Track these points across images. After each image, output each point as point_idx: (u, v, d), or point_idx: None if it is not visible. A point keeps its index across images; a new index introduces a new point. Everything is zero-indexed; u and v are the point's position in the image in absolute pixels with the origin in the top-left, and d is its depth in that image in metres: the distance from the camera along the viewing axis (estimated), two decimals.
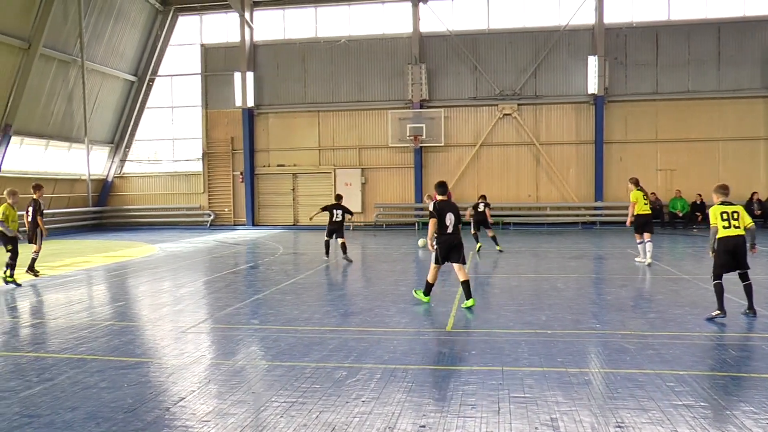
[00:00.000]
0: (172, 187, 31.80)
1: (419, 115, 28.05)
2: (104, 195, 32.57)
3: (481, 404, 5.61)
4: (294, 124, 30.31)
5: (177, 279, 14.35)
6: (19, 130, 25.80)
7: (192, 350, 7.81)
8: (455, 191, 28.00)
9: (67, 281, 14.11)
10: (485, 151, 28.47)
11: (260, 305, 10.64)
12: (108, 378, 6.66)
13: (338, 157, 29.95)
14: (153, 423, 5.39)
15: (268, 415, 5.46)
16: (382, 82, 29.35)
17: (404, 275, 14.35)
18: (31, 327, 9.42)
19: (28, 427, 5.35)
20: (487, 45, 28.34)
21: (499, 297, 10.88)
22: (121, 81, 31.49)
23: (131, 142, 32.85)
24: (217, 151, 31.35)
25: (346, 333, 8.40)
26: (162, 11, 31.80)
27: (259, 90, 30.38)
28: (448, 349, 7.44)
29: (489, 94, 28.27)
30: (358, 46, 29.48)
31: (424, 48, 28.68)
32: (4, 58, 24.22)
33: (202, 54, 31.37)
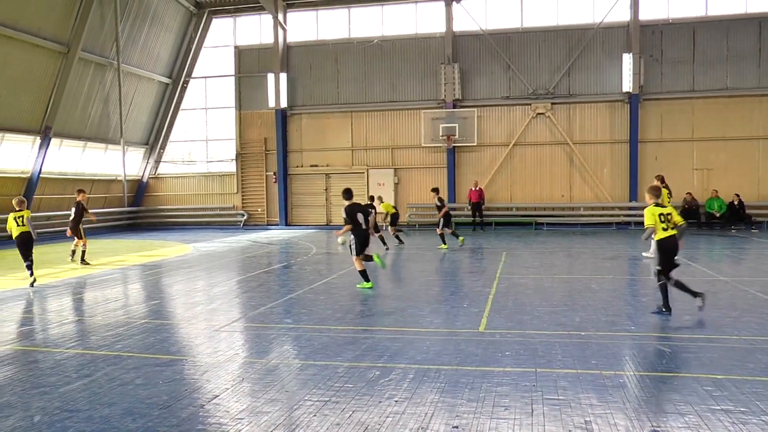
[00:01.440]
0: (205, 187, 32.15)
1: (452, 114, 27.98)
2: (139, 195, 33.06)
3: (514, 406, 5.57)
4: (327, 125, 30.42)
5: (211, 278, 14.50)
6: (58, 132, 26.36)
7: (225, 348, 7.89)
8: (488, 191, 27.93)
9: (104, 280, 14.35)
10: (518, 151, 28.29)
11: (293, 304, 10.70)
12: (144, 375, 6.78)
13: (371, 157, 29.99)
14: (187, 420, 5.46)
15: (301, 414, 5.49)
16: (415, 82, 29.32)
17: (437, 275, 14.33)
18: (70, 324, 9.59)
19: (68, 421, 5.46)
20: (520, 44, 28.15)
21: (533, 298, 10.80)
22: (156, 83, 31.93)
23: (166, 143, 33.30)
24: (251, 152, 31.61)
25: (379, 333, 8.41)
26: (196, 14, 32.18)
27: (292, 91, 30.55)
28: (481, 350, 7.40)
29: (522, 93, 28.08)
30: (391, 47, 29.49)
31: (457, 47, 28.58)
32: (45, 62, 24.74)
33: (235, 56, 31.67)
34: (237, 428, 5.22)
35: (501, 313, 9.46)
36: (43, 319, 10.35)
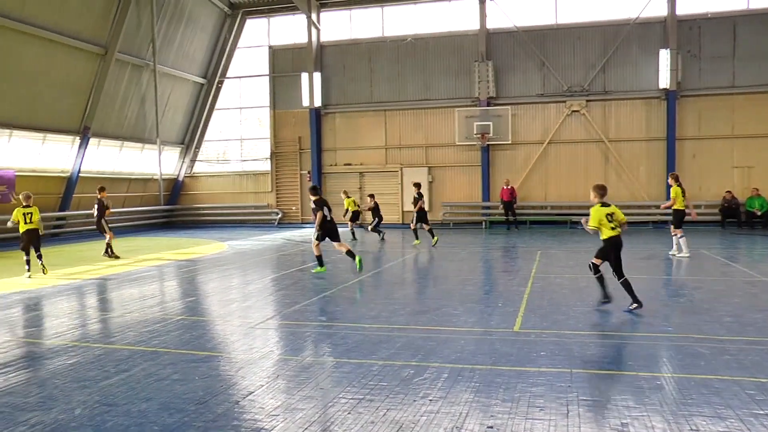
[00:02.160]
0: (240, 186, 32.43)
1: (486, 112, 27.81)
2: (175, 194, 33.50)
3: (549, 407, 5.52)
4: (361, 124, 30.49)
5: (246, 276, 14.64)
6: (96, 132, 26.85)
7: (260, 346, 7.96)
8: (522, 190, 27.76)
9: (141, 277, 14.56)
10: (553, 149, 28.03)
11: (327, 303, 10.76)
12: (180, 370, 6.87)
13: (405, 156, 29.97)
14: (223, 415, 5.52)
15: (335, 411, 5.52)
16: (449, 80, 29.23)
17: (471, 274, 14.28)
18: (108, 320, 9.76)
19: (107, 415, 5.57)
20: (554, 40, 27.88)
21: (568, 297, 10.70)
22: (191, 83, 32.32)
23: (201, 142, 33.70)
24: (285, 151, 31.82)
25: (414, 332, 8.41)
26: (230, 15, 32.48)
27: (326, 90, 30.67)
28: (515, 350, 7.35)
29: (557, 90, 27.82)
30: (425, 45, 29.44)
31: (490, 45, 28.42)
32: (84, 63, 25.21)
33: (269, 55, 31.92)
34: (272, 425, 5.27)
35: (536, 313, 9.40)
36: (82, 315, 10.57)
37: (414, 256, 17.43)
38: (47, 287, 13.13)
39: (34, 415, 5.63)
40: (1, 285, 13.45)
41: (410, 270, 15.25)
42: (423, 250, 19.04)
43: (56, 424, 5.40)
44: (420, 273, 14.83)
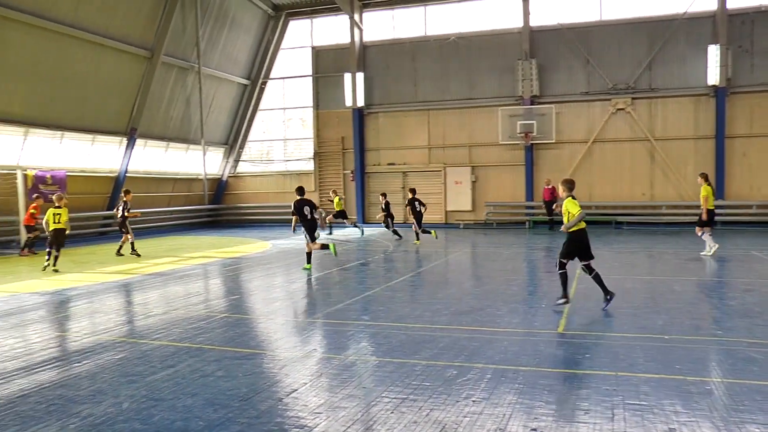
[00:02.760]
0: (283, 185, 32.69)
1: (530, 111, 27.57)
2: (219, 193, 33.97)
3: (594, 410, 5.45)
4: (404, 123, 30.49)
5: (289, 274, 14.76)
6: (143, 134, 27.41)
7: (303, 344, 8.04)
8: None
9: (186, 275, 14.81)
10: (598, 148, 27.62)
11: (371, 302, 10.79)
12: (224, 367, 6.97)
13: (448, 156, 29.88)
14: (267, 412, 5.58)
15: (378, 411, 5.53)
16: (492, 79, 29.03)
17: (515, 274, 14.18)
18: (154, 317, 9.94)
19: (154, 409, 5.69)
20: (599, 37, 27.46)
21: (613, 299, 10.52)
22: (235, 85, 32.72)
23: (245, 142, 34.12)
24: (328, 151, 32.01)
25: (457, 332, 8.39)
26: (274, 17, 32.80)
27: (369, 90, 30.75)
28: (560, 352, 7.29)
29: (602, 88, 27.41)
30: (468, 43, 29.30)
31: (534, 43, 28.15)
32: (131, 66, 25.75)
33: (312, 56, 32.14)
34: (315, 422, 5.30)
35: (580, 314, 9.29)
36: (129, 311, 10.81)
37: (458, 256, 17.37)
38: (96, 284, 13.44)
39: (85, 407, 5.79)
40: (52, 282, 13.80)
41: (453, 270, 15.20)
42: (465, 250, 18.97)
43: (106, 416, 5.54)
44: (463, 273, 14.78)
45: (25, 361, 7.42)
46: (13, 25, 20.55)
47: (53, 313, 10.57)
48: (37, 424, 5.40)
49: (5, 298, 12.01)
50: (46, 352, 7.84)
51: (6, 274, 15.60)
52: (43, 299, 11.83)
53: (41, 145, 23.33)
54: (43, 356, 7.65)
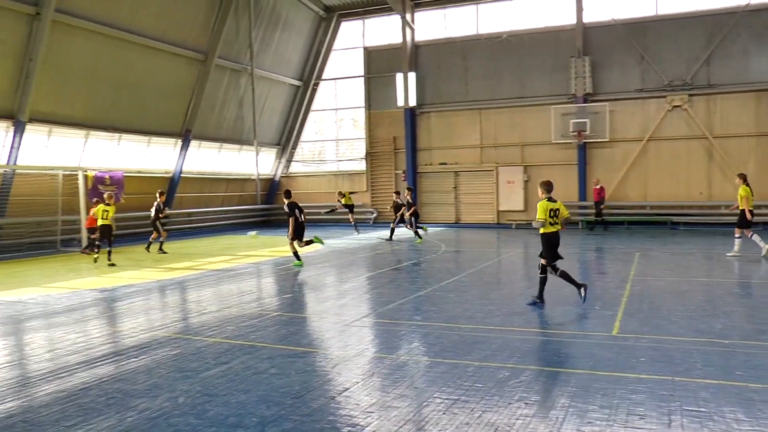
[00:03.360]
0: (336, 185, 32.85)
1: (583, 109, 27.15)
2: (272, 193, 34.36)
3: (650, 415, 5.32)
4: (455, 123, 30.36)
5: (341, 274, 14.87)
6: (197, 135, 27.94)
7: (355, 343, 8.07)
8: (620, 189, 27.00)
9: (239, 273, 15.04)
10: (653, 146, 26.98)
11: (423, 302, 10.79)
12: (277, 365, 7.06)
13: (500, 155, 29.63)
14: (319, 410, 5.63)
15: (430, 411, 5.52)
16: (544, 77, 28.68)
17: None
18: (208, 315, 10.13)
19: (208, 405, 5.80)
20: (655, 32, 26.80)
21: (669, 301, 10.32)
22: (287, 86, 33.07)
23: (297, 143, 34.45)
24: (380, 151, 32.08)
25: (509, 333, 8.33)
26: (325, 18, 33.05)
27: (420, 89, 30.71)
28: (614, 355, 7.15)
29: (657, 85, 26.76)
30: (520, 41, 29.02)
31: (587, 39, 27.69)
32: (186, 69, 26.28)
33: (364, 56, 32.27)
34: (367, 421, 5.32)
35: (635, 317, 9.10)
36: (184, 309, 11.03)
37: (511, 257, 17.24)
38: (152, 281, 13.75)
39: (142, 401, 5.94)
40: (111, 279, 14.17)
41: (505, 270, 15.09)
42: (518, 250, 18.81)
43: (162, 410, 5.68)
44: (515, 273, 14.65)
45: (85, 356, 7.66)
46: (75, 32, 21.18)
47: (112, 309, 10.87)
48: (98, 416, 5.58)
49: (67, 294, 12.40)
50: (105, 347, 8.07)
51: (68, 271, 16.09)
52: (102, 296, 12.16)
53: (100, 146, 24.00)
54: (102, 351, 7.88)
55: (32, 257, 19.51)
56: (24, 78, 20.03)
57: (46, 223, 21.69)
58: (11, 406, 5.95)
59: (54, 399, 6.09)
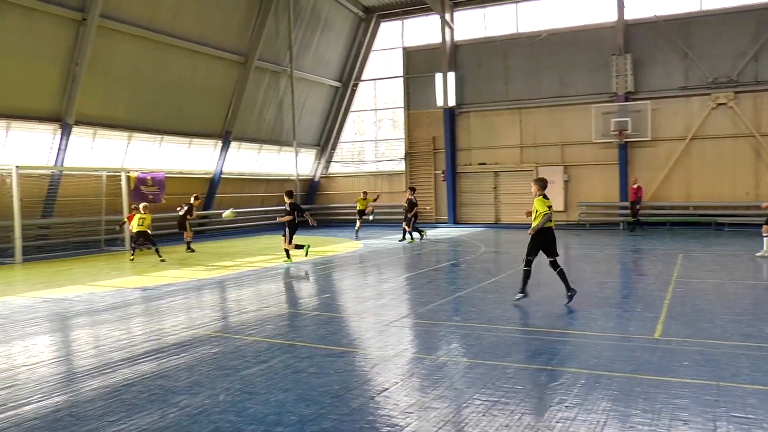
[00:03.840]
0: (375, 186, 32.90)
1: (624, 108, 26.72)
2: (311, 194, 34.59)
3: (694, 421, 5.20)
4: (495, 122, 30.17)
5: (380, 274, 14.89)
6: (237, 136, 28.27)
7: (395, 343, 8.05)
8: (663, 189, 26.54)
9: (278, 273, 15.15)
10: (696, 145, 26.40)
11: (462, 303, 10.75)
12: (316, 364, 7.08)
13: (540, 155, 29.37)
14: (358, 410, 5.63)
15: (469, 413, 5.49)
16: (585, 75, 28.33)
17: (609, 276, 13.83)
18: (248, 314, 10.22)
19: (248, 403, 5.85)
20: (698, 28, 26.21)
21: (713, 304, 10.10)
22: (326, 87, 33.24)
23: (336, 143, 34.61)
24: (419, 151, 32.04)
25: (549, 335, 8.25)
26: (365, 19, 33.13)
27: (460, 89, 30.59)
28: (656, 358, 7.01)
29: (701, 82, 26.18)
30: (560, 39, 28.71)
31: (629, 37, 27.24)
32: (226, 72, 26.61)
33: (403, 57, 32.26)
34: (406, 422, 5.31)
35: (678, 320, 8.93)
36: (224, 307, 11.16)
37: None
38: (193, 281, 13.94)
39: (183, 398, 6.03)
40: (153, 278, 14.41)
41: (545, 272, 14.90)
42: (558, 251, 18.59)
43: (202, 407, 5.75)
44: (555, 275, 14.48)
45: (128, 352, 7.81)
46: (118, 37, 21.61)
47: (153, 307, 11.03)
48: (140, 412, 5.68)
49: (111, 292, 12.64)
50: (147, 345, 8.20)
51: (111, 270, 16.41)
52: (145, 294, 12.37)
53: (143, 148, 24.42)
54: (144, 348, 8.02)
55: (77, 256, 19.94)
56: (70, 82, 20.51)
57: (91, 222, 22.18)
58: (58, 400, 6.10)
59: (98, 394, 6.22)
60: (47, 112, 20.39)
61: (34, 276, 15.50)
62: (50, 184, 20.79)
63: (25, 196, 19.17)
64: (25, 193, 19.18)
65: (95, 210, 22.10)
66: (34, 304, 11.45)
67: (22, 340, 8.76)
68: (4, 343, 8.57)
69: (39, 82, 19.90)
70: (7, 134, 19.74)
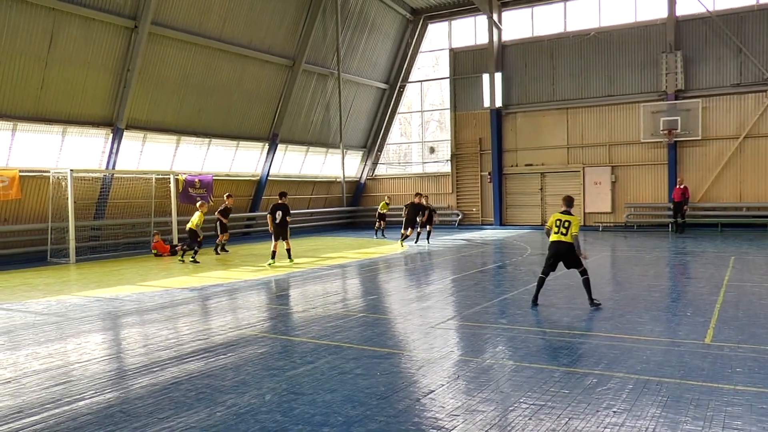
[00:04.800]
0: (421, 187, 32.82)
1: (674, 107, 26.19)
2: (357, 195, 34.70)
3: (748, 430, 5.06)
4: (542, 123, 29.89)
5: (426, 276, 14.88)
6: (284, 139, 28.53)
7: (440, 345, 8.05)
8: (714, 189, 25.95)
9: (324, 274, 15.26)
10: (750, 144, 25.71)
11: (508, 305, 10.68)
12: (362, 365, 7.12)
13: (587, 155, 28.98)
14: (404, 411, 5.65)
15: (516, 416, 5.46)
16: (634, 74, 27.85)
17: (657, 280, 13.57)
18: (294, 314, 10.35)
19: (294, 403, 5.92)
20: (754, 23, 25.45)
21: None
22: (373, 89, 33.32)
23: (383, 145, 34.65)
24: (466, 152, 31.92)
25: (596, 338, 8.14)
26: (412, 21, 33.11)
27: (507, 90, 30.40)
28: (707, 364, 6.85)
29: (756, 79, 25.47)
30: (609, 38, 28.29)
31: (679, 33, 26.68)
32: (274, 75, 26.87)
33: (450, 58, 32.20)
34: (453, 424, 5.31)
35: (730, 325, 8.72)
36: (270, 308, 11.26)
37: (597, 259, 16.84)
38: (239, 281, 14.13)
39: (230, 397, 6.13)
40: (200, 279, 14.64)
41: (593, 274, 14.71)
42: (605, 253, 18.35)
43: (249, 407, 5.83)
44: (603, 277, 14.29)
45: (176, 351, 7.97)
46: (167, 43, 22.01)
47: (201, 307, 11.22)
48: (189, 410, 5.80)
49: (159, 292, 12.90)
50: (195, 344, 8.35)
51: (160, 270, 16.73)
52: (192, 294, 12.58)
53: (191, 151, 24.84)
54: (192, 347, 8.16)
55: (128, 257, 20.38)
56: (122, 88, 20.99)
57: (141, 224, 22.66)
58: (110, 396, 6.26)
59: (148, 392, 6.37)
60: (100, 117, 20.90)
61: (87, 276, 15.89)
62: (102, 187, 21.33)
63: (78, 198, 19.73)
64: (78, 196, 19.74)
65: (145, 212, 22.60)
66: (88, 303, 11.75)
67: (76, 337, 9.02)
68: (60, 341, 8.83)
69: (93, 89, 20.42)
70: (63, 139, 20.30)
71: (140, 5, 20.51)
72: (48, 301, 12.08)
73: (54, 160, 20.24)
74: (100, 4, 19.65)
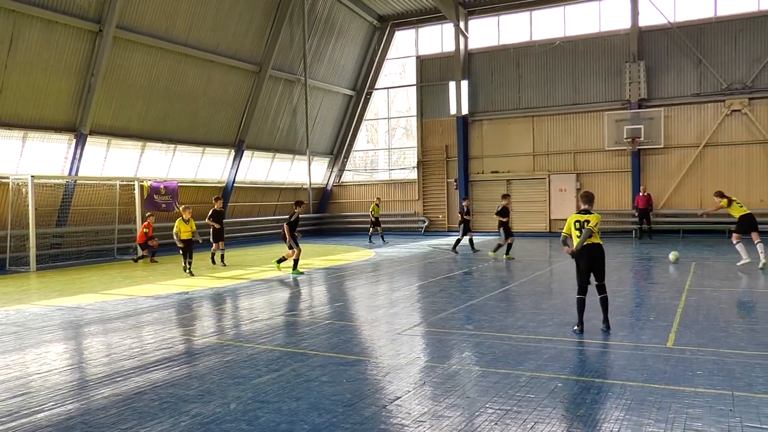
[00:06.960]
0: (387, 194, 32.96)
1: (637, 115, 26.67)
2: (324, 202, 34.63)
3: (708, 431, 5.17)
4: (508, 130, 30.16)
5: (392, 282, 14.87)
6: (250, 145, 28.39)
7: (407, 352, 8.05)
8: (676, 196, 26.43)
9: (290, 282, 15.17)
10: (710, 152, 26.28)
11: (474, 311, 10.72)
12: (328, 373, 7.09)
13: (552, 163, 29.32)
14: (371, 418, 5.63)
15: (482, 421, 5.48)
16: (598, 83, 28.30)
17: (621, 285, 13.72)
18: (260, 322, 10.23)
19: (260, 411, 5.87)
20: (713, 35, 26.14)
21: (728, 313, 10.03)
22: (340, 96, 33.33)
23: (349, 152, 34.65)
24: (432, 159, 32.07)
25: (561, 343, 8.21)
26: (379, 27, 33.21)
27: (473, 97, 30.64)
28: (669, 367, 6.96)
29: (715, 89, 26.10)
30: (573, 47, 28.71)
31: (642, 44, 27.20)
32: (240, 81, 26.73)
33: (417, 65, 32.37)
34: (419, 430, 5.30)
35: (691, 329, 8.86)
36: (236, 316, 11.18)
37: (562, 265, 17.00)
38: (205, 289, 13.98)
39: (194, 406, 6.05)
40: (165, 287, 14.46)
41: (557, 280, 14.89)
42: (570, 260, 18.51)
43: (214, 416, 5.76)
44: (567, 283, 14.42)
45: (140, 360, 7.85)
46: (133, 47, 21.78)
47: (165, 315, 11.07)
48: (152, 420, 5.70)
49: (123, 300, 12.70)
50: (159, 353, 8.23)
51: (124, 278, 16.48)
52: (157, 303, 12.41)
53: (156, 157, 24.56)
54: (156, 356, 8.04)
55: (90, 264, 20.06)
56: (86, 92, 20.69)
57: (104, 231, 22.32)
58: (71, 408, 6.13)
59: (111, 402, 6.25)
60: (63, 122, 20.57)
61: (48, 284, 15.60)
62: (65, 194, 20.97)
63: (40, 205, 19.37)
64: (40, 203, 19.38)
65: (109, 219, 22.27)
66: (48, 312, 11.52)
67: (36, 348, 8.83)
68: (18, 351, 8.64)
69: (55, 93, 20.10)
70: (24, 144, 19.93)
71: (105, 9, 20.27)
72: (6, 311, 11.81)
73: (14, 166, 19.83)
74: (63, 7, 19.37)
